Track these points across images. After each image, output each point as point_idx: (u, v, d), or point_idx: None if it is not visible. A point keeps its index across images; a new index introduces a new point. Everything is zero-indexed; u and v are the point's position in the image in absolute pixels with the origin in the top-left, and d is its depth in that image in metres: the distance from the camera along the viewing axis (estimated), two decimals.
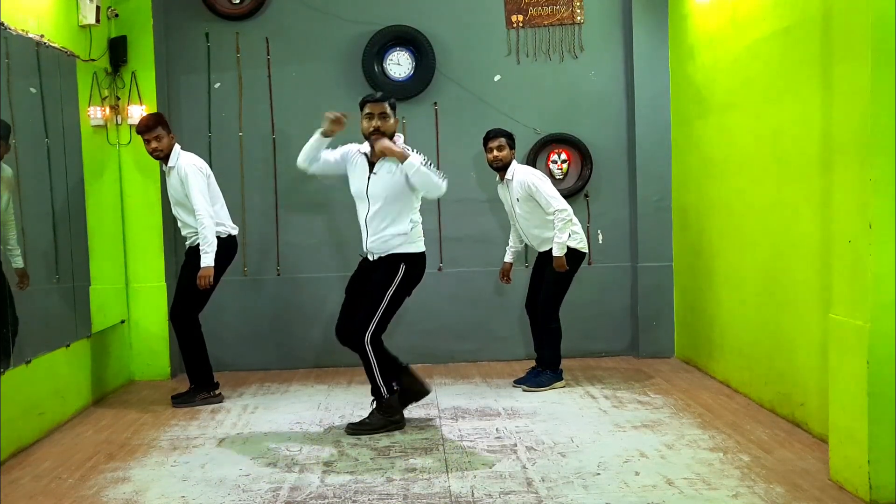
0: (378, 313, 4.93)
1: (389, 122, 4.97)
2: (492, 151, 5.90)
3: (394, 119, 5.01)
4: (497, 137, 5.89)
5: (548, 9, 6.98)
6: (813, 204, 4.57)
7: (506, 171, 5.92)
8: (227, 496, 3.99)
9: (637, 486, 3.95)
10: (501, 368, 6.73)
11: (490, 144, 5.91)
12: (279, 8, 6.93)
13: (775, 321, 5.10)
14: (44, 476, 4.36)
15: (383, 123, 4.95)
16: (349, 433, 4.94)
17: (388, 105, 4.99)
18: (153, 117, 5.75)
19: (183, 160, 5.69)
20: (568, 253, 5.83)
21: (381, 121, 4.94)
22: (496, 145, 5.88)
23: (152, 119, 5.72)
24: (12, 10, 4.94)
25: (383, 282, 4.96)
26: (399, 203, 4.96)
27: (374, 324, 4.93)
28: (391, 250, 4.99)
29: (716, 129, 6.02)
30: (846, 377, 3.82)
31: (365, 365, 4.99)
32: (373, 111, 4.96)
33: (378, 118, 4.94)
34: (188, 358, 5.77)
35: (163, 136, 5.66)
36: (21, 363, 4.86)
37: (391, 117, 4.98)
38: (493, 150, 5.89)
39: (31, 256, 5.26)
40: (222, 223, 5.76)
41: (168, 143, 5.69)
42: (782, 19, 4.94)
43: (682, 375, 6.33)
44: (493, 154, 5.90)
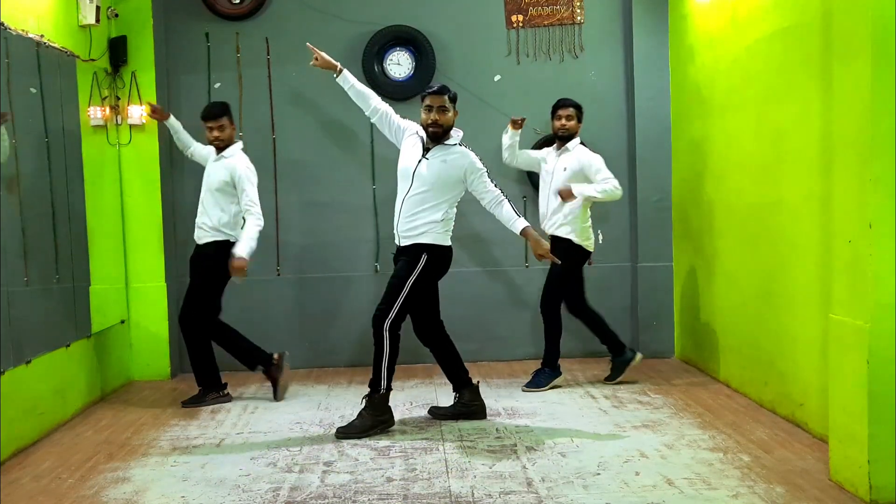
0: (399, 301, 4.95)
1: (448, 115, 5.00)
2: (560, 119, 5.95)
3: (453, 112, 5.03)
4: (568, 107, 5.96)
5: (548, 9, 6.98)
6: (813, 204, 4.57)
7: (568, 140, 5.94)
8: (227, 496, 3.99)
9: (637, 486, 3.95)
10: (501, 368, 6.73)
11: (560, 112, 5.97)
12: (279, 8, 6.93)
13: (775, 321, 5.10)
14: (44, 476, 4.36)
15: (441, 116, 4.98)
16: (339, 437, 4.91)
17: (448, 98, 5.00)
18: (220, 106, 5.78)
19: (242, 158, 5.75)
20: (572, 248, 5.85)
21: (439, 114, 4.98)
22: (566, 114, 5.95)
23: (219, 107, 5.76)
24: (12, 10, 4.94)
25: (405, 270, 4.99)
26: (442, 193, 4.99)
27: (394, 312, 4.94)
28: (417, 238, 5.01)
29: (716, 129, 6.02)
30: (846, 377, 3.82)
31: (376, 352, 4.98)
32: (432, 104, 4.98)
33: (437, 111, 4.98)
34: (196, 361, 5.76)
35: (226, 127, 5.72)
36: (21, 363, 4.86)
37: (450, 110, 5.01)
38: (563, 118, 5.95)
39: (31, 256, 5.25)
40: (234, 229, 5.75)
41: (230, 134, 5.76)
42: (782, 19, 4.94)
43: (682, 375, 6.33)
44: (561, 122, 5.95)
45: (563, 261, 5.89)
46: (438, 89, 5.04)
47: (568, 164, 5.90)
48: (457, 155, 5.02)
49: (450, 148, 5.04)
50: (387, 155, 6.92)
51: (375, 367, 4.98)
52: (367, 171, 7.01)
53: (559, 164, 5.95)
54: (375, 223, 7.00)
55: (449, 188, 5.02)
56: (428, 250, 5.00)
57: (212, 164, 5.81)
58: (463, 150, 5.05)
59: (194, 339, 5.74)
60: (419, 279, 4.99)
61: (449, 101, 5.00)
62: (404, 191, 5.08)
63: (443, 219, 5.01)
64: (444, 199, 5.01)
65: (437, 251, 5.03)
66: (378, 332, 4.95)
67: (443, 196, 5.00)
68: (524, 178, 6.99)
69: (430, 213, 5.00)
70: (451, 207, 5.08)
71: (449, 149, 5.03)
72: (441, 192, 5.00)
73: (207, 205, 5.75)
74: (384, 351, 4.95)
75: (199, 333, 5.74)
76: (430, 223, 5.00)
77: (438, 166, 4.98)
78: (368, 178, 7.00)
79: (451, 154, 5.01)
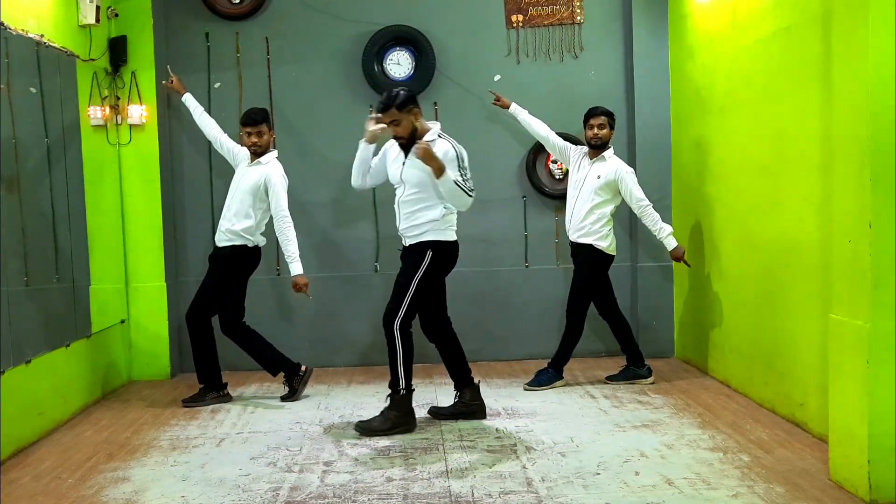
0: (406, 300, 4.95)
1: (403, 125, 4.94)
2: (592, 129, 5.94)
3: (410, 116, 4.94)
4: (599, 115, 5.94)
5: (548, 9, 6.98)
6: (813, 204, 4.57)
7: (602, 149, 5.94)
8: (227, 496, 3.99)
9: (637, 486, 3.95)
10: (501, 368, 6.73)
11: (592, 122, 5.95)
12: (279, 8, 6.92)
13: (775, 321, 5.10)
14: (44, 476, 4.36)
15: (398, 129, 4.95)
16: (357, 431, 4.94)
17: (395, 109, 4.89)
18: (261, 112, 5.78)
19: (276, 166, 5.76)
20: (596, 254, 5.88)
21: (395, 127, 4.95)
22: (598, 123, 5.93)
23: (260, 114, 5.75)
24: (12, 10, 4.93)
25: (411, 269, 5.00)
26: (433, 190, 4.96)
27: (402, 311, 4.94)
28: (420, 237, 5.01)
29: (716, 129, 6.03)
30: (846, 377, 3.82)
31: (389, 352, 4.97)
32: (386, 122, 4.97)
33: (392, 127, 4.95)
34: (199, 359, 5.77)
35: (264, 133, 5.72)
36: (21, 363, 4.86)
37: (403, 118, 4.92)
38: (595, 127, 5.93)
39: (31, 256, 5.26)
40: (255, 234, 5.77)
41: (267, 141, 5.77)
42: (782, 19, 4.94)
43: (682, 375, 6.33)
44: (593, 131, 5.93)
45: (585, 265, 5.92)
46: (383, 106, 4.92)
47: (602, 172, 5.90)
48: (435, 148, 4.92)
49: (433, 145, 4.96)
50: None
51: (392, 368, 4.98)
52: None
53: (593, 172, 5.93)
54: (375, 223, 7.00)
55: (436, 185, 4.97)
56: (433, 247, 5.00)
57: (245, 167, 5.80)
58: (441, 141, 4.97)
59: (198, 337, 5.74)
60: (426, 276, 4.99)
61: (397, 111, 4.89)
62: (399, 194, 5.09)
63: (442, 215, 5.00)
64: (437, 196, 4.98)
65: (441, 247, 5.02)
66: (389, 332, 4.95)
67: (435, 193, 4.97)
68: (524, 178, 6.99)
69: (427, 212, 4.99)
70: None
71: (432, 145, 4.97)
72: (432, 191, 4.97)
73: (236, 208, 5.72)
74: (397, 350, 4.94)
75: (205, 332, 5.73)
76: (430, 221, 4.99)
77: (420, 167, 4.92)
78: None
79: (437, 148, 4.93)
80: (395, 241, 7.00)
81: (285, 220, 5.70)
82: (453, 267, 5.20)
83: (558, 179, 6.92)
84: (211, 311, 5.78)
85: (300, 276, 5.72)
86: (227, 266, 5.73)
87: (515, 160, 6.99)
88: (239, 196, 5.74)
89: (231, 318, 5.81)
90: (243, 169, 5.82)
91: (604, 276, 6.03)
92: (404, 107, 4.91)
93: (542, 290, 7.02)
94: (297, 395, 5.86)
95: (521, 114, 6.29)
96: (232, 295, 5.78)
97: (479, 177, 6.89)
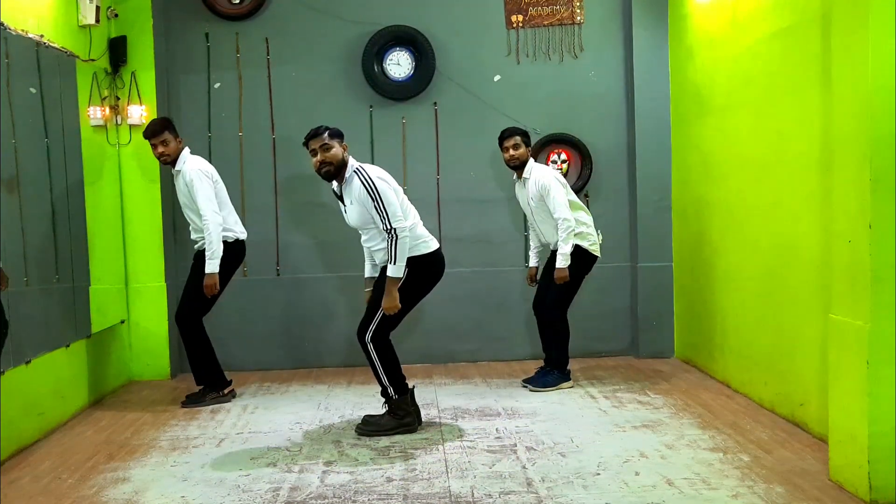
0: (379, 314, 4.92)
1: (333, 151, 4.86)
2: (507, 150, 5.90)
3: (339, 146, 4.88)
4: (512, 136, 5.89)
5: (548, 9, 6.98)
6: (813, 204, 4.57)
7: (522, 169, 5.92)
8: (227, 496, 3.99)
9: (637, 486, 3.95)
10: (501, 368, 6.73)
11: (505, 144, 5.91)
12: (279, 8, 6.93)
13: (775, 321, 5.10)
14: (44, 476, 4.36)
15: (327, 154, 4.86)
16: (358, 433, 4.94)
17: (328, 135, 4.86)
18: (160, 122, 5.72)
19: (189, 164, 5.67)
20: (579, 254, 5.85)
21: (324, 153, 4.86)
22: (511, 144, 5.88)
23: (159, 124, 5.70)
24: (12, 10, 4.94)
25: None
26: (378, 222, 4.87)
27: (374, 324, 4.93)
28: None
29: (716, 129, 6.02)
30: (846, 377, 3.82)
31: (370, 364, 4.99)
32: (314, 147, 4.88)
33: (321, 151, 4.87)
34: (194, 360, 5.77)
35: (169, 141, 5.65)
36: (21, 363, 4.86)
37: (334, 146, 4.86)
38: (509, 149, 5.89)
39: (31, 256, 5.26)
40: (230, 228, 5.75)
41: (175, 148, 5.68)
42: (782, 19, 4.94)
43: (682, 375, 6.33)
44: (508, 153, 5.89)
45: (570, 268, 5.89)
46: (314, 133, 4.90)
47: (531, 193, 5.89)
48: (356, 185, 4.85)
49: (350, 182, 4.91)
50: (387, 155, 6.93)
51: (377, 379, 4.99)
52: None
53: (527, 195, 5.94)
54: None
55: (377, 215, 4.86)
56: (408, 265, 4.89)
57: (175, 180, 5.77)
58: (353, 176, 4.88)
59: (191, 338, 5.73)
60: (402, 291, 4.87)
61: (329, 137, 4.87)
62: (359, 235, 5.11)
63: None
64: None
65: (418, 262, 4.95)
66: (363, 345, 4.96)
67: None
68: None
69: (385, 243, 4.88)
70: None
71: (349, 183, 4.91)
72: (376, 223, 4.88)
73: (191, 217, 5.73)
74: (375, 362, 4.94)
75: (196, 332, 5.73)
76: None
77: (356, 206, 4.89)
78: None
79: (353, 189, 4.88)
80: None
81: (206, 224, 5.55)
82: (440, 276, 5.11)
83: None
84: (199, 310, 5.74)
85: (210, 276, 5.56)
86: None
87: None
88: (183, 209, 5.77)
89: (192, 309, 5.71)
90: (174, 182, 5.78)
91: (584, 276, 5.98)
92: (336, 136, 4.90)
93: None
94: (200, 404, 5.71)
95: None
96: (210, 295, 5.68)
97: (479, 177, 6.96)
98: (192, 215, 5.72)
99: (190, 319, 5.72)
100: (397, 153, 6.94)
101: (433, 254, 5.04)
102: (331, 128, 4.93)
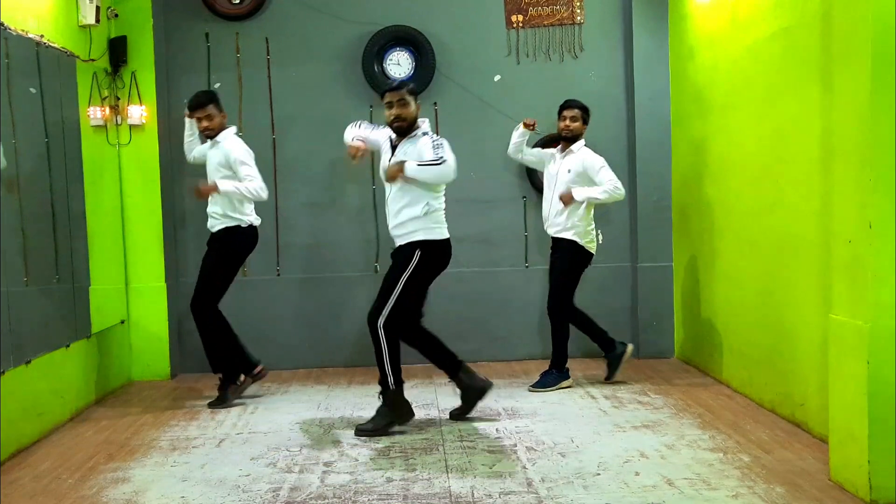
0: (392, 299, 4.95)
1: (409, 109, 5.01)
2: (565, 120, 5.92)
3: (414, 105, 5.05)
4: (573, 108, 5.93)
5: (548, 9, 6.98)
6: (813, 204, 4.57)
7: (573, 142, 5.93)
8: (227, 496, 3.99)
9: (637, 487, 3.95)
10: (501, 368, 6.73)
11: (565, 113, 5.94)
12: (279, 8, 6.93)
13: (775, 321, 5.10)
14: (44, 476, 4.36)
15: (403, 110, 5.00)
16: (357, 434, 4.93)
17: (407, 91, 5.03)
18: (205, 95, 5.74)
19: (232, 139, 5.69)
20: (575, 249, 5.85)
21: (400, 108, 4.99)
22: (570, 115, 5.92)
23: (204, 96, 5.72)
24: (12, 10, 4.94)
25: (398, 269, 5.00)
26: (416, 184, 4.95)
27: (387, 309, 4.94)
28: (408, 237, 5.02)
29: (716, 129, 6.02)
30: (846, 377, 3.81)
31: (376, 351, 4.99)
32: (391, 99, 5.01)
33: (397, 105, 4.99)
34: (212, 349, 5.72)
35: (214, 115, 5.67)
36: (21, 363, 4.86)
37: (410, 104, 5.02)
38: (567, 119, 5.92)
39: (32, 256, 5.26)
40: (246, 213, 5.70)
41: (219, 122, 5.70)
42: (782, 19, 4.94)
43: (682, 375, 6.33)
44: (565, 122, 5.92)
45: (564, 261, 5.91)
46: (397, 85, 5.10)
47: (572, 165, 5.89)
48: (420, 142, 4.99)
49: (414, 139, 5.02)
50: None
51: (379, 366, 4.99)
52: (367, 171, 7.00)
53: (563, 166, 5.94)
54: (375, 223, 7.00)
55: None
56: (421, 247, 5.00)
57: (208, 151, 5.77)
58: (423, 137, 5.03)
59: (206, 327, 5.69)
60: (413, 276, 4.98)
61: (408, 94, 5.03)
62: (386, 193, 5.12)
63: (424, 212, 4.99)
64: (419, 191, 4.97)
65: (430, 246, 5.02)
66: (373, 331, 4.97)
67: (416, 188, 4.97)
68: (524, 178, 6.99)
69: (410, 209, 4.98)
70: (434, 199, 5.03)
71: (413, 140, 5.03)
72: (413, 185, 4.96)
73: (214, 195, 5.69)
74: (382, 349, 4.96)
75: (213, 320, 5.68)
76: (414, 219, 4.98)
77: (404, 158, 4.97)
78: (368, 178, 6.99)
79: (415, 145, 5.00)
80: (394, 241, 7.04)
81: (252, 180, 5.56)
82: (446, 265, 5.18)
83: None
84: (215, 296, 5.70)
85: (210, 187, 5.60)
86: (224, 246, 5.68)
87: (515, 160, 6.98)
88: (210, 179, 5.71)
89: (206, 297, 5.69)
90: (205, 152, 5.79)
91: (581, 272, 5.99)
92: (414, 94, 5.09)
93: (541, 291, 6.99)
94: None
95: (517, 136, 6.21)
96: (218, 275, 5.69)
97: (479, 177, 6.95)
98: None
99: (206, 307, 5.67)
100: None
101: (446, 241, 5.12)
102: (411, 84, 5.10)
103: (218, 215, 5.69)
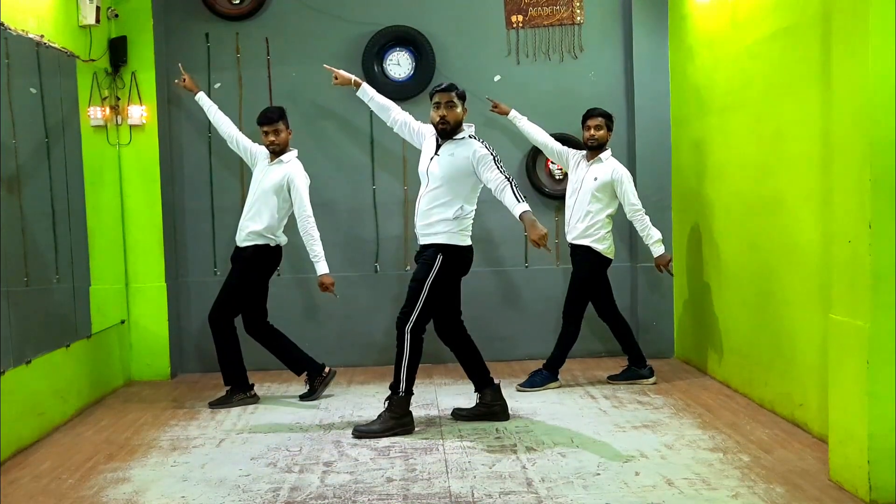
0: (419, 304, 4.96)
1: (456, 111, 5.02)
2: (589, 129, 5.94)
3: (462, 108, 5.05)
4: (596, 116, 5.94)
5: (548, 9, 6.99)
6: (813, 204, 4.57)
7: (600, 150, 5.94)
8: (227, 496, 3.99)
9: (637, 486, 3.95)
10: (502, 369, 6.72)
11: (589, 122, 5.95)
12: (279, 8, 6.93)
13: (775, 321, 5.10)
14: (44, 476, 4.36)
15: (449, 112, 5.00)
16: (355, 436, 4.92)
17: (456, 95, 5.03)
18: (276, 111, 5.77)
19: (295, 164, 5.74)
20: (594, 256, 5.88)
21: (447, 110, 5.00)
22: (595, 124, 5.93)
23: (275, 112, 5.75)
24: (12, 10, 4.94)
25: (423, 273, 5.00)
26: (454, 188, 4.98)
27: (415, 315, 4.95)
28: (432, 238, 5.02)
29: (716, 129, 6.03)
30: (846, 377, 3.81)
31: (397, 354, 4.98)
32: (440, 100, 5.02)
33: (445, 107, 5.00)
34: (224, 360, 5.74)
35: (281, 131, 5.71)
36: (21, 363, 4.86)
37: (458, 107, 5.03)
38: (592, 128, 5.93)
39: (31, 256, 5.26)
40: (278, 235, 5.77)
41: (285, 139, 5.74)
42: (782, 19, 4.94)
43: (682, 375, 6.33)
44: (590, 132, 5.93)
45: (583, 268, 5.92)
46: (447, 87, 5.07)
47: (599, 174, 5.90)
48: (464, 146, 5.01)
49: (459, 142, 5.04)
50: (387, 155, 6.94)
51: (396, 369, 4.98)
52: (368, 171, 7.01)
53: (590, 174, 5.94)
54: (375, 223, 7.00)
55: (460, 182, 4.98)
56: (443, 251, 4.99)
57: (266, 166, 5.76)
58: (471, 140, 5.05)
59: (222, 338, 5.71)
60: (437, 280, 4.98)
61: (457, 97, 5.03)
62: (422, 189, 5.12)
63: (455, 216, 4.99)
64: (456, 194, 4.99)
65: (452, 251, 5.01)
66: (400, 335, 4.96)
67: (455, 191, 4.98)
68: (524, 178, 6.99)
69: (442, 210, 4.99)
70: (467, 204, 5.04)
71: (458, 143, 5.04)
72: (452, 188, 4.98)
73: (257, 208, 5.69)
74: (404, 353, 4.95)
75: (229, 332, 5.72)
76: (443, 221, 4.99)
77: (447, 160, 4.99)
78: (368, 178, 7.00)
79: (460, 147, 5.01)
80: (394, 241, 7.05)
81: (309, 219, 5.68)
82: (467, 272, 5.19)
83: (558, 180, 6.93)
84: (233, 311, 5.75)
85: (326, 276, 5.73)
86: (250, 266, 5.72)
87: (515, 161, 6.98)
88: (261, 196, 5.70)
89: (254, 317, 5.81)
90: (263, 168, 5.78)
91: (602, 277, 6.02)
92: (463, 98, 5.09)
93: (542, 291, 7.02)
94: (317, 395, 5.85)
95: (520, 121, 6.32)
96: (255, 294, 5.78)
97: None
98: (262, 206, 5.67)
99: (223, 320, 5.70)
100: (398, 153, 6.94)
101: (469, 248, 5.13)
102: (459, 88, 5.07)
103: (254, 232, 5.69)
